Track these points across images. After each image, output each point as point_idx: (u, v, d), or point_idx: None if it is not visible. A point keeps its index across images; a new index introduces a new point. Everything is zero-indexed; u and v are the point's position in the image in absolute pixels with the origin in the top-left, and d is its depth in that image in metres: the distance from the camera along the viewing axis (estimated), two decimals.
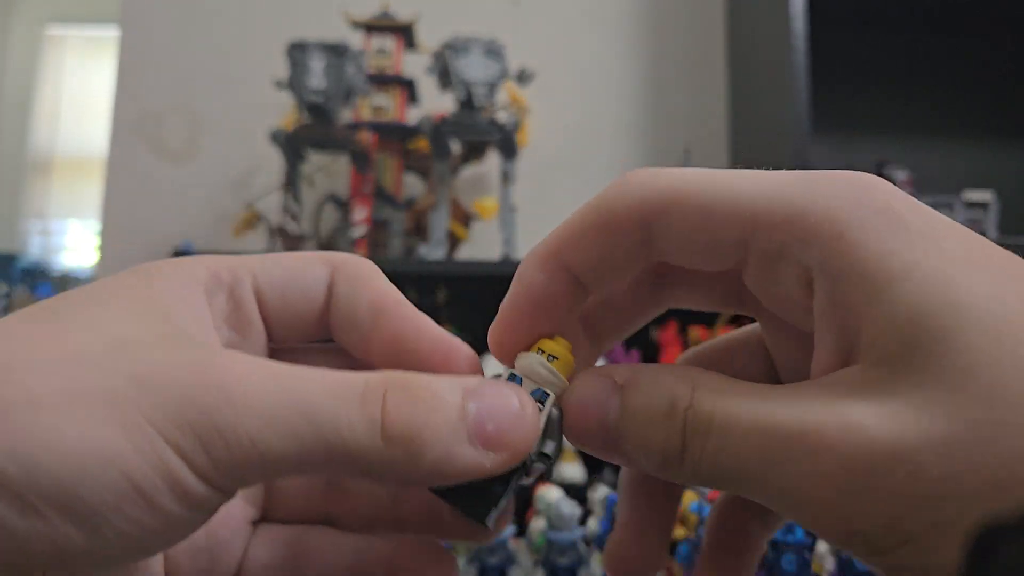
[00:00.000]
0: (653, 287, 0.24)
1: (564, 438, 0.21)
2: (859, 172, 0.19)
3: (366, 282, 0.22)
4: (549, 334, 0.22)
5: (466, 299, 1.22)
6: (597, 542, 0.71)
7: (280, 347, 0.23)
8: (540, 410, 0.21)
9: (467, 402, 0.18)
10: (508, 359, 0.22)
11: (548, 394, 0.21)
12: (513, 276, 0.22)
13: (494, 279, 1.22)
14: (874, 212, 0.18)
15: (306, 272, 0.22)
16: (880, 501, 0.16)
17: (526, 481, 0.21)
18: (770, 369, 0.25)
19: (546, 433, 0.21)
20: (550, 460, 0.21)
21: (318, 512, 0.24)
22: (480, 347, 0.23)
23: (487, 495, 0.20)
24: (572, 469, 1.06)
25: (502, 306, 0.22)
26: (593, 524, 0.76)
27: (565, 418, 0.21)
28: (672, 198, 0.20)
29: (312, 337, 0.23)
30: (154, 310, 0.19)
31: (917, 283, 0.17)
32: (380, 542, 0.23)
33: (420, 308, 0.22)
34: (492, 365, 0.24)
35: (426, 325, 0.22)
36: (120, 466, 0.15)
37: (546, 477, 0.22)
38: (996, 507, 0.15)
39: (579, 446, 0.21)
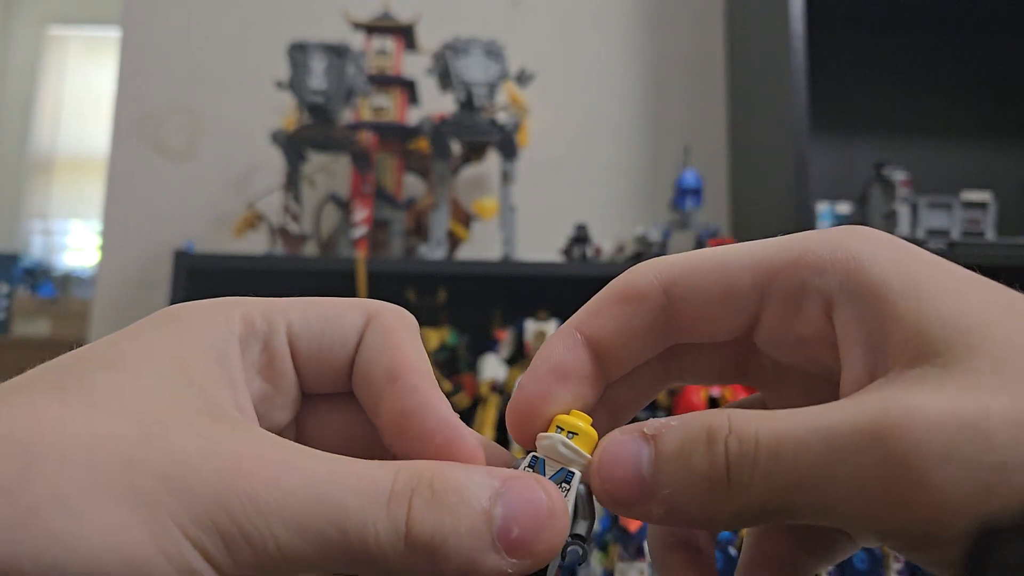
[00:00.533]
0: (664, 363, 0.24)
1: (600, 506, 0.21)
2: (851, 225, 0.22)
3: (392, 341, 0.22)
4: (565, 411, 0.22)
5: (466, 299, 1.20)
6: (597, 542, 0.72)
7: (310, 393, 0.23)
8: (567, 490, 0.20)
9: (495, 506, 0.18)
10: (527, 440, 0.22)
11: (573, 473, 0.21)
12: (512, 276, 0.22)
13: (494, 279, 1.23)
14: (877, 243, 0.20)
15: (342, 321, 0.22)
16: (957, 478, 0.16)
17: (562, 563, 0.20)
18: None
19: (577, 513, 0.20)
20: (584, 541, 0.21)
21: None
22: (480, 345, 0.23)
23: None
24: None
25: (520, 381, 0.22)
26: None
27: (594, 479, 0.20)
28: (690, 263, 0.22)
29: (343, 387, 0.23)
30: (186, 379, 0.19)
31: (935, 293, 0.19)
32: None
33: (420, 308, 0.22)
34: (492, 363, 0.24)
35: (432, 405, 0.21)
36: (147, 573, 0.16)
37: (582, 561, 0.22)
38: None
39: (612, 507, 0.20)
